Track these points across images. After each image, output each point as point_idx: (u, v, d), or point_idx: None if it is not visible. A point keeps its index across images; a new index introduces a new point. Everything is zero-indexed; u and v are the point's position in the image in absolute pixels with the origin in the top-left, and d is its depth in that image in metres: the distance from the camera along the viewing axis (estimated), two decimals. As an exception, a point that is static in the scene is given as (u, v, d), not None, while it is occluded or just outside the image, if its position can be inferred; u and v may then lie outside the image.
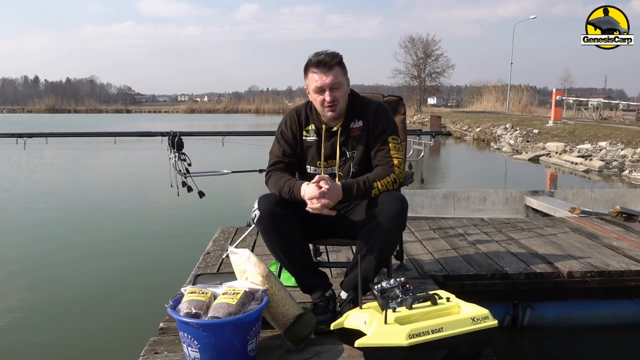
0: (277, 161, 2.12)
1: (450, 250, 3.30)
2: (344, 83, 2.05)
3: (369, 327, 1.66)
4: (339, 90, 2.03)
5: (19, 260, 4.95)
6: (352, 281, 2.04)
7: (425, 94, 44.93)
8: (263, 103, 62.82)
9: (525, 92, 37.43)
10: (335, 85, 2.02)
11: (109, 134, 3.95)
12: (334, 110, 2.05)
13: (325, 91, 2.02)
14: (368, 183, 1.98)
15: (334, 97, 2.02)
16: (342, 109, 2.07)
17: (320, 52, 2.04)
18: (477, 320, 1.71)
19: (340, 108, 2.06)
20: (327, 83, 2.01)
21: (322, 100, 2.04)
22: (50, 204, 7.95)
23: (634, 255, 3.13)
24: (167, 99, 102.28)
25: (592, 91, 68.53)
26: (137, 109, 74.29)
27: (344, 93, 2.06)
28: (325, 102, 2.03)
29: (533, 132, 17.30)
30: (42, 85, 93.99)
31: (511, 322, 2.94)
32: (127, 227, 6.34)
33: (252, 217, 2.01)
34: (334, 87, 2.02)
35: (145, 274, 4.50)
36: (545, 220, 4.32)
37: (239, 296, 1.72)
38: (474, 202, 5.70)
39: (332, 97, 2.02)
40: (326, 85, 2.01)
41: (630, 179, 10.46)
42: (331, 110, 2.05)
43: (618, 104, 28.08)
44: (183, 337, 1.72)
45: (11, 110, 68.09)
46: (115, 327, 3.45)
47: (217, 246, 3.39)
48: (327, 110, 2.05)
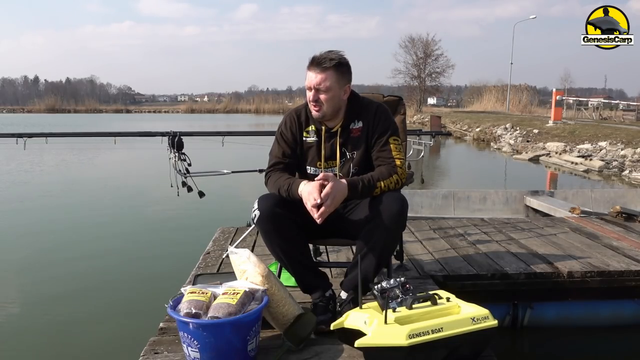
0: (277, 162, 2.12)
1: (450, 250, 3.30)
2: (333, 88, 2.01)
3: (369, 327, 1.66)
4: (324, 93, 2.01)
5: (18, 260, 4.95)
6: (352, 281, 2.04)
7: (425, 94, 44.92)
8: (263, 103, 62.71)
9: (525, 92, 37.44)
10: (321, 88, 2.00)
11: (109, 134, 3.95)
12: (317, 111, 2.05)
13: (312, 90, 2.02)
14: (372, 181, 1.97)
15: (317, 97, 2.02)
16: (326, 112, 2.05)
17: (326, 52, 2.04)
18: (477, 320, 1.71)
19: (325, 111, 2.05)
20: (313, 83, 2.01)
21: (308, 98, 2.05)
22: (49, 203, 7.95)
23: (634, 255, 3.13)
24: (167, 99, 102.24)
25: (592, 91, 68.56)
26: (137, 109, 74.24)
27: (330, 97, 2.02)
28: (310, 101, 2.05)
29: (533, 132, 17.31)
30: (42, 85, 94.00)
31: (511, 322, 2.94)
32: (127, 227, 6.35)
33: (252, 217, 2.01)
34: (319, 89, 2.01)
35: (145, 274, 4.50)
36: (545, 220, 4.32)
37: (239, 296, 1.72)
38: (474, 202, 5.70)
39: (315, 97, 2.02)
40: (312, 85, 2.01)
41: (630, 179, 10.47)
42: (315, 110, 2.05)
43: (618, 104, 28.07)
44: (183, 337, 1.72)
45: (11, 110, 68.02)
46: (116, 326, 3.45)
47: (217, 246, 3.39)
48: (312, 110, 2.06)
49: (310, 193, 1.86)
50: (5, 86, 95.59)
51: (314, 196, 1.85)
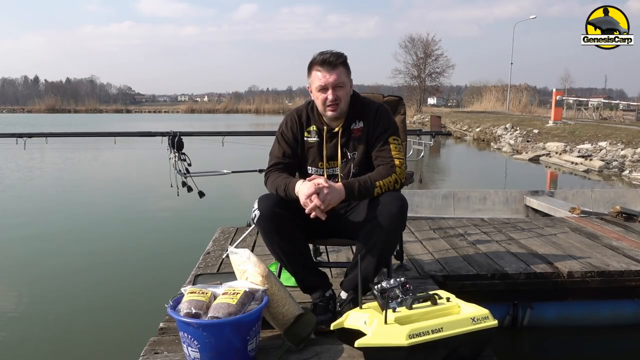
0: (277, 162, 2.12)
1: (450, 250, 3.30)
2: (347, 83, 2.05)
3: (369, 327, 1.66)
4: (341, 89, 2.03)
5: (18, 260, 4.96)
6: (352, 281, 2.04)
7: (425, 94, 44.99)
8: (263, 103, 62.73)
9: (525, 92, 37.45)
10: (339, 84, 2.01)
11: (109, 134, 3.95)
12: (334, 110, 2.04)
13: (328, 89, 2.01)
14: (370, 182, 1.97)
15: (337, 96, 2.02)
16: (343, 109, 2.07)
17: (326, 51, 2.04)
18: (477, 320, 1.71)
19: (342, 108, 2.06)
20: (330, 81, 2.00)
21: (324, 98, 2.03)
22: (49, 203, 7.96)
23: (634, 255, 3.13)
24: (167, 99, 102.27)
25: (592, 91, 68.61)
26: (137, 109, 74.29)
27: (346, 93, 2.06)
28: (327, 101, 2.03)
29: (533, 132, 17.31)
30: (42, 85, 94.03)
31: (511, 322, 2.94)
32: (126, 227, 6.35)
33: (252, 217, 2.01)
34: (337, 85, 2.01)
35: (145, 274, 4.50)
36: (545, 220, 4.32)
37: (239, 296, 1.72)
38: (474, 202, 5.70)
39: (334, 95, 2.02)
40: (329, 84, 2.01)
41: (630, 179, 10.46)
42: (332, 110, 2.04)
43: (618, 104, 28.09)
44: (183, 337, 1.72)
45: (11, 110, 68.07)
46: (115, 327, 3.45)
47: (217, 246, 3.39)
48: (328, 110, 2.05)
49: (308, 188, 1.86)
50: (5, 86, 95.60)
51: (315, 182, 1.86)
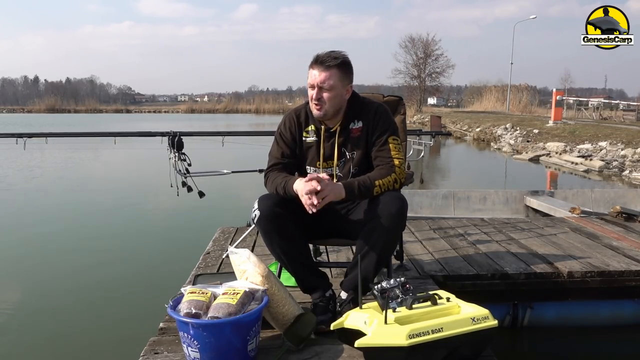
0: (276, 162, 2.12)
1: (450, 250, 3.30)
2: (336, 87, 2.02)
3: (369, 327, 1.66)
4: (328, 92, 2.01)
5: (18, 260, 4.95)
6: (352, 281, 2.04)
7: (425, 94, 44.97)
8: (263, 103, 62.70)
9: (525, 92, 37.44)
10: (325, 86, 2.00)
11: (109, 134, 3.95)
12: (319, 110, 2.04)
13: (315, 88, 2.02)
14: (369, 182, 1.97)
15: (320, 96, 2.02)
16: (328, 111, 2.05)
17: (330, 51, 2.04)
18: (477, 321, 1.71)
19: (327, 110, 2.05)
20: (317, 81, 2.01)
21: (310, 96, 2.05)
22: (49, 203, 7.95)
23: (634, 255, 3.13)
24: (167, 99, 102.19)
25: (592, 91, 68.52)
26: (137, 109, 74.23)
27: (333, 96, 2.03)
28: (312, 99, 2.04)
29: (533, 132, 17.31)
30: (42, 85, 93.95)
31: (511, 322, 2.94)
32: (127, 227, 6.34)
33: (252, 217, 2.02)
34: (323, 87, 2.01)
35: (145, 274, 4.50)
36: (545, 220, 4.32)
37: (239, 296, 1.72)
38: (474, 202, 5.70)
39: (318, 95, 2.02)
40: (316, 83, 2.01)
41: (631, 179, 10.46)
42: (316, 109, 2.05)
43: (618, 104, 28.08)
44: (183, 337, 1.72)
45: (11, 110, 68.02)
46: (115, 327, 3.45)
47: (217, 246, 3.39)
48: (314, 108, 2.06)
49: (306, 185, 1.86)
50: (5, 86, 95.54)
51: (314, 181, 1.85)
